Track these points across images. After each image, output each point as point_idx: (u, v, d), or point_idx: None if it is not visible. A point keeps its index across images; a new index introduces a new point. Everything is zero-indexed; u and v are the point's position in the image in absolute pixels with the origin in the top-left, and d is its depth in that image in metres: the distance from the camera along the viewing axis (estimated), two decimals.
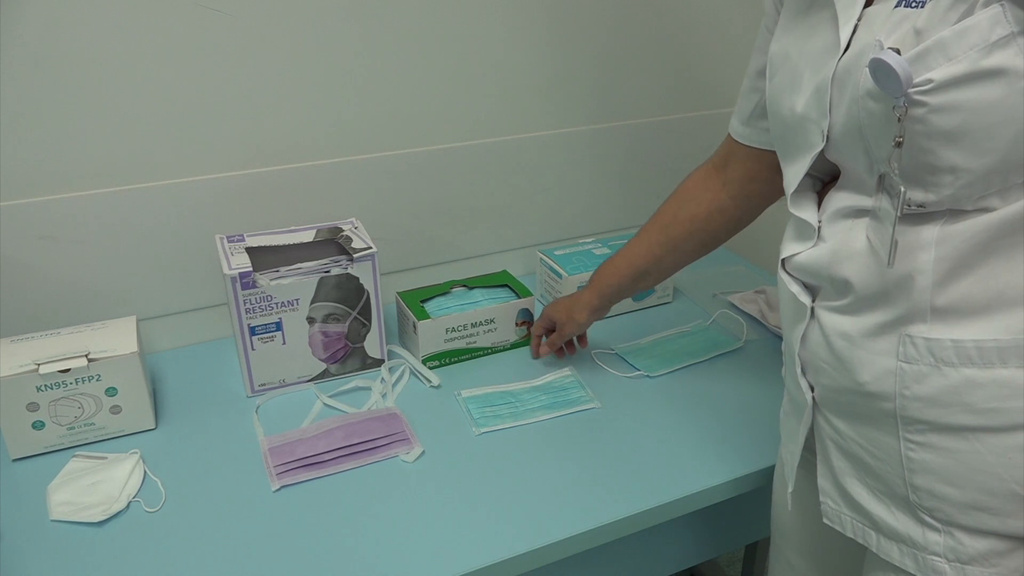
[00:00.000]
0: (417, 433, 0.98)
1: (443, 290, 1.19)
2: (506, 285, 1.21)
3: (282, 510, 0.87)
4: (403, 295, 1.16)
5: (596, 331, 1.22)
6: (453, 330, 1.12)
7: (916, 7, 0.56)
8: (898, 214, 0.58)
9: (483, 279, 1.22)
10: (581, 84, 1.32)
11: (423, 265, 1.32)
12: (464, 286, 1.20)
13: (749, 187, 0.89)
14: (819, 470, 0.73)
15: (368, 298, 1.07)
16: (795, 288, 0.69)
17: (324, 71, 1.13)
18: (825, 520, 0.73)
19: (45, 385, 0.91)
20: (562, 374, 1.10)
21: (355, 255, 1.04)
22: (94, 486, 0.88)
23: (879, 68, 0.54)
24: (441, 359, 1.13)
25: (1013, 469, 0.58)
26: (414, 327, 1.10)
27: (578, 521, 0.85)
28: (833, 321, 0.66)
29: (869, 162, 0.62)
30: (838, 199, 0.66)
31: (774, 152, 0.79)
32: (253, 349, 1.03)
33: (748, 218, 0.93)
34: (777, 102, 0.70)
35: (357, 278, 1.05)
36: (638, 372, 1.11)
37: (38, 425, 0.93)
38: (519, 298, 1.17)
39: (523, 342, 1.18)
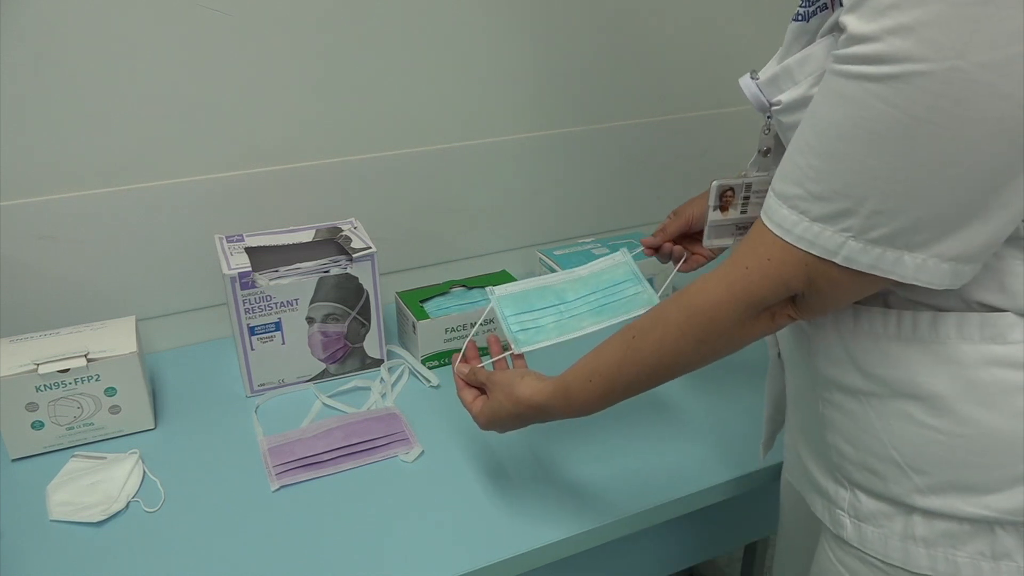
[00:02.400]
0: (417, 433, 0.98)
1: (442, 290, 1.19)
2: None
3: (281, 510, 0.87)
4: (402, 295, 1.16)
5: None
6: (452, 330, 1.12)
7: (801, 20, 0.60)
8: (738, 212, 0.72)
9: (482, 279, 1.22)
10: (581, 84, 1.32)
11: (422, 265, 1.32)
12: (463, 286, 1.20)
13: None
14: (786, 425, 0.80)
15: (367, 298, 1.07)
16: None
17: (324, 71, 1.13)
18: (785, 474, 0.81)
19: (44, 385, 0.91)
20: (613, 261, 0.92)
21: (354, 255, 1.04)
22: (93, 486, 0.88)
23: (745, 88, 0.64)
24: (440, 359, 1.13)
25: (891, 436, 0.61)
26: (413, 327, 1.10)
27: (577, 521, 0.85)
28: None
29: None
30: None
31: None
32: (252, 349, 1.03)
33: None
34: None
35: (356, 278, 1.05)
36: None
37: (37, 425, 0.93)
38: None
39: None
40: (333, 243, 1.07)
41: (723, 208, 0.79)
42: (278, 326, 1.03)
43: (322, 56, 1.12)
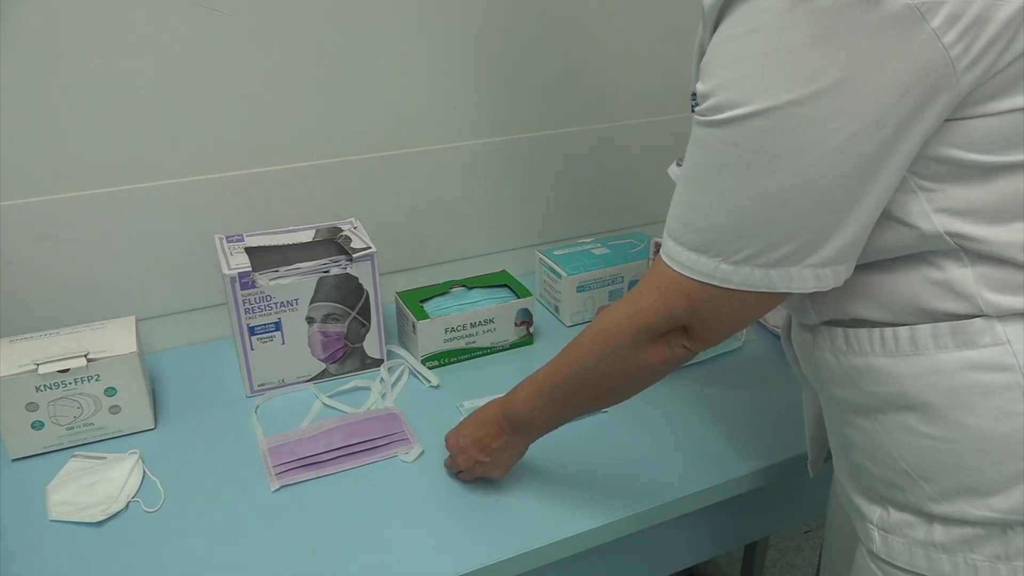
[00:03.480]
0: (416, 433, 0.98)
1: (442, 290, 1.19)
2: (505, 285, 1.21)
3: (281, 510, 0.87)
4: (402, 295, 1.16)
5: None
6: (452, 330, 1.12)
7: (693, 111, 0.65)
8: None
9: (482, 279, 1.22)
10: (581, 84, 1.32)
11: (422, 265, 1.32)
12: (463, 286, 1.20)
13: None
14: (829, 437, 0.80)
15: (367, 298, 1.07)
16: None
17: (324, 71, 1.13)
18: (839, 499, 0.80)
19: (44, 385, 0.91)
20: None
21: (354, 255, 1.04)
22: (93, 486, 0.88)
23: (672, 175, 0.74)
24: (440, 359, 1.13)
25: (898, 448, 0.64)
26: (413, 327, 1.10)
27: (578, 521, 0.85)
28: (794, 316, 0.76)
29: None
30: None
31: None
32: (252, 349, 1.03)
33: None
34: None
35: (356, 278, 1.05)
36: None
37: (37, 425, 0.93)
38: (518, 298, 1.17)
39: (522, 342, 1.18)
40: (333, 243, 1.07)
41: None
42: (278, 326, 1.03)
43: (322, 56, 1.12)
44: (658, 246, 0.83)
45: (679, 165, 0.70)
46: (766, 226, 0.58)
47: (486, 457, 0.85)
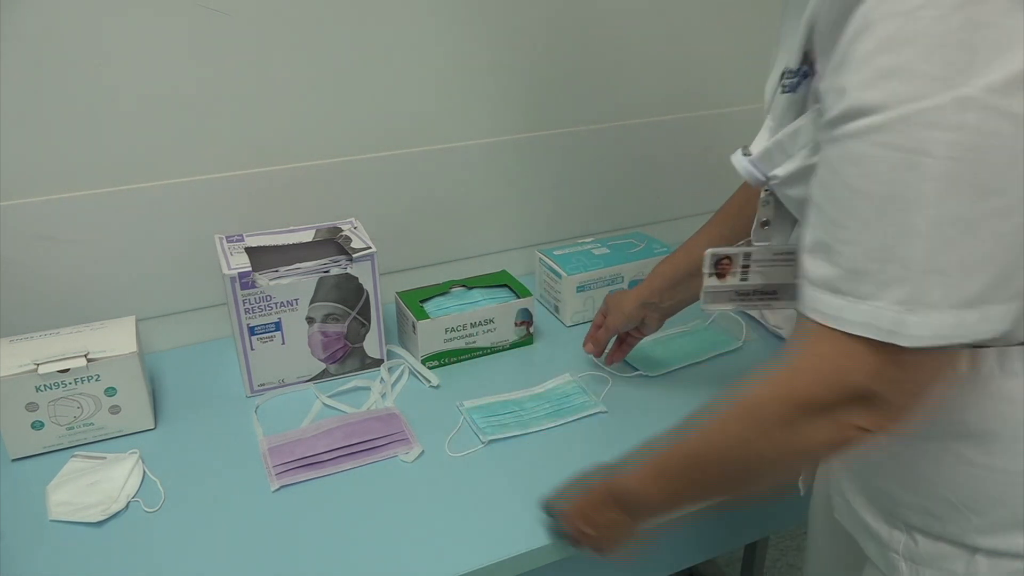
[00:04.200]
0: (416, 433, 0.98)
1: (442, 290, 1.19)
2: (505, 285, 1.21)
3: (281, 510, 0.87)
4: (402, 295, 1.16)
5: None
6: (452, 330, 1.12)
7: (789, 92, 0.60)
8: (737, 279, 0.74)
9: (482, 279, 1.22)
10: (581, 84, 1.32)
11: (422, 265, 1.32)
12: (463, 286, 1.20)
13: None
14: (831, 467, 0.76)
15: (367, 298, 1.07)
16: None
17: (324, 71, 1.13)
18: (835, 515, 0.75)
19: (44, 385, 0.91)
20: (562, 380, 1.09)
21: (354, 255, 1.04)
22: (93, 486, 0.88)
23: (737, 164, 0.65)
24: (440, 359, 1.13)
25: (944, 478, 0.59)
26: (413, 327, 1.10)
27: None
28: None
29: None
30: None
31: None
32: (252, 349, 1.03)
33: None
34: None
35: (356, 278, 1.05)
36: (637, 372, 1.11)
37: (37, 425, 0.93)
38: (518, 298, 1.17)
39: (522, 342, 1.18)
40: (333, 243, 1.07)
41: (720, 275, 0.80)
42: (278, 326, 1.03)
43: (322, 56, 1.12)
44: (716, 261, 0.78)
45: (746, 154, 0.65)
46: (973, 251, 0.46)
47: (591, 530, 0.73)
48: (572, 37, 1.28)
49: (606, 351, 1.08)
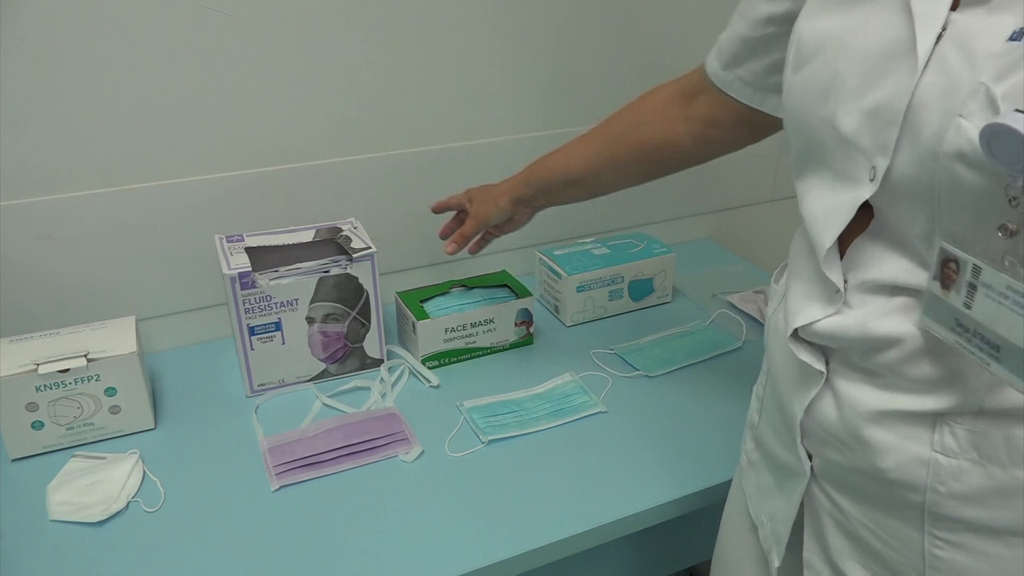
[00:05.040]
0: (416, 433, 0.98)
1: (442, 290, 1.19)
2: (505, 285, 1.21)
3: (281, 510, 0.87)
4: (402, 295, 1.16)
5: (595, 331, 1.22)
6: (452, 330, 1.12)
7: None
8: (960, 303, 0.45)
9: (482, 279, 1.22)
10: (581, 84, 1.32)
11: (422, 265, 1.32)
12: (463, 286, 1.20)
13: (710, 131, 0.82)
14: (807, 543, 0.64)
15: (367, 298, 1.07)
16: (806, 356, 0.57)
17: (324, 71, 1.13)
18: None
19: (44, 385, 0.91)
20: (563, 380, 1.09)
21: (354, 255, 1.04)
22: (93, 486, 0.88)
23: (998, 135, 0.40)
24: (440, 359, 1.13)
25: None
26: (413, 327, 1.10)
27: (578, 520, 0.85)
28: (855, 393, 0.55)
29: (932, 233, 0.48)
30: (876, 260, 0.53)
31: (748, 107, 0.74)
32: (252, 349, 1.03)
33: (700, 160, 0.87)
34: (806, 106, 0.56)
35: (356, 278, 1.05)
36: (637, 372, 1.11)
37: (37, 425, 0.93)
38: (518, 298, 1.17)
39: (522, 342, 1.18)
40: (333, 243, 1.07)
41: (944, 282, 0.51)
42: (278, 326, 1.03)
43: (322, 56, 1.12)
44: (944, 260, 0.48)
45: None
46: None
47: None
48: (572, 38, 1.28)
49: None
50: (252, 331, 1.02)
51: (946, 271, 0.48)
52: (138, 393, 0.96)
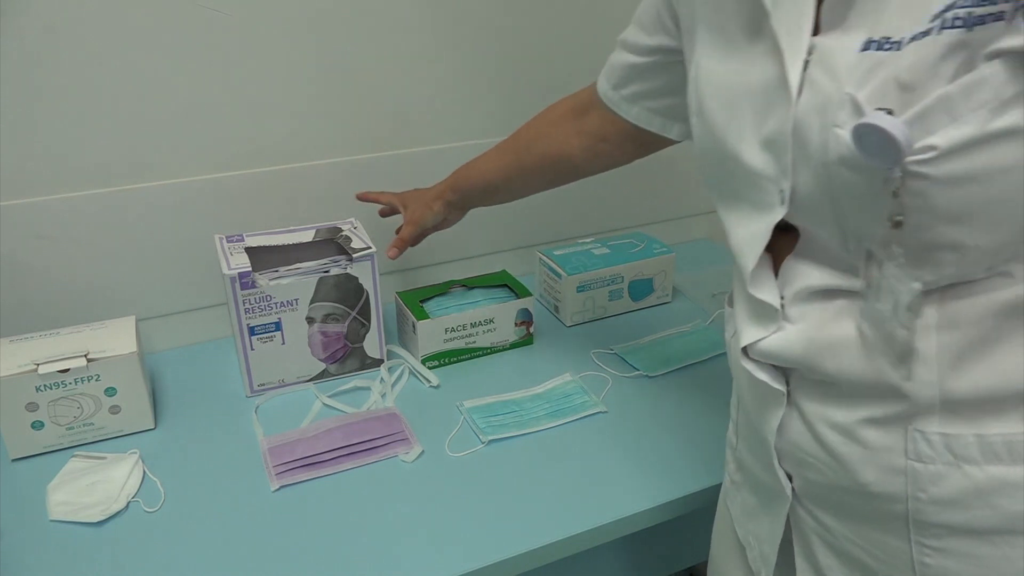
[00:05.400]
0: (416, 433, 0.98)
1: (442, 290, 1.19)
2: (505, 285, 1.21)
3: (281, 510, 0.87)
4: (402, 295, 1.16)
5: (595, 331, 1.22)
6: (452, 330, 1.12)
7: (891, 49, 0.46)
8: (903, 314, 0.48)
9: (482, 279, 1.22)
10: (582, 84, 1.32)
11: (422, 265, 1.32)
12: (463, 286, 1.20)
13: (599, 146, 0.88)
14: (799, 564, 0.64)
15: (367, 298, 1.07)
16: (764, 376, 0.59)
17: (324, 71, 1.13)
18: None
19: (44, 385, 0.91)
20: (563, 379, 1.09)
21: (354, 255, 1.04)
22: (93, 486, 0.88)
23: (867, 134, 0.45)
24: (440, 359, 1.13)
25: None
26: (413, 327, 1.10)
27: (578, 521, 0.85)
28: (819, 411, 0.57)
29: (844, 236, 0.52)
30: (804, 273, 0.56)
31: (634, 125, 0.80)
32: (252, 349, 1.03)
33: (592, 172, 0.94)
34: (713, 145, 0.60)
35: (356, 278, 1.05)
36: (637, 372, 1.11)
37: (37, 425, 0.93)
38: (518, 298, 1.17)
39: (522, 342, 1.18)
40: (333, 243, 1.07)
41: (868, 282, 0.58)
42: (278, 326, 1.03)
43: (322, 56, 1.12)
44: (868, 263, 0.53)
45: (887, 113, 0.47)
46: None
47: None
48: (572, 37, 1.28)
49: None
50: (252, 331, 1.02)
51: (869, 271, 0.52)
52: (138, 393, 0.96)
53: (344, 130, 1.18)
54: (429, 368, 1.12)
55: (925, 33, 0.45)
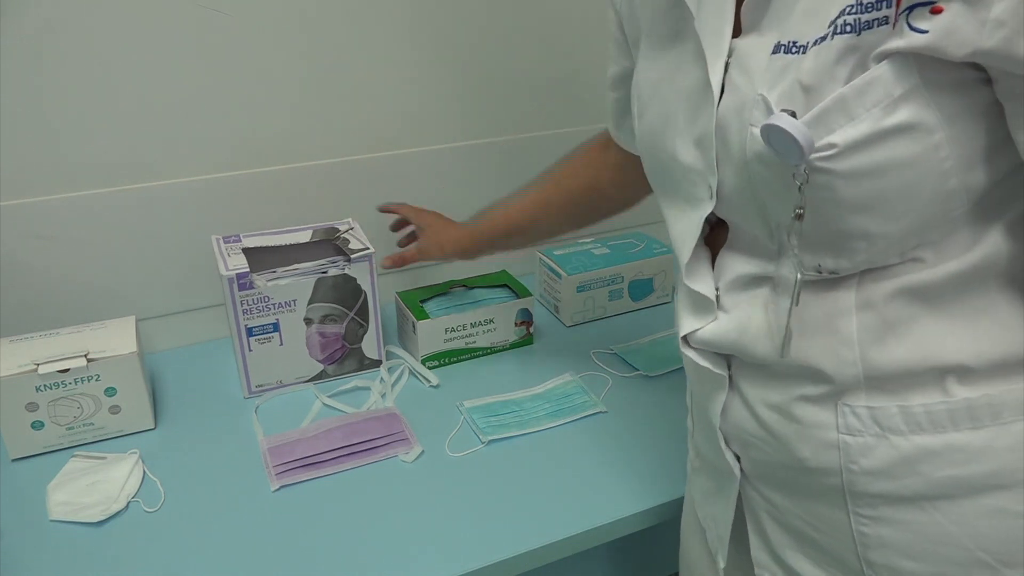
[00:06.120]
0: (416, 433, 0.98)
1: (442, 290, 1.19)
2: (505, 285, 1.21)
3: (281, 510, 0.87)
4: (402, 295, 1.16)
5: (595, 331, 1.22)
6: (452, 330, 1.12)
7: (797, 53, 0.49)
8: (794, 301, 0.53)
9: (482, 279, 1.22)
10: (582, 84, 1.32)
11: (422, 265, 1.32)
12: (463, 286, 1.20)
13: (625, 177, 0.89)
14: (752, 541, 0.67)
15: (365, 299, 1.07)
16: (706, 363, 0.62)
17: (322, 71, 1.13)
18: None
19: (44, 385, 0.91)
20: (563, 379, 1.09)
21: (352, 256, 1.04)
22: (93, 486, 0.88)
23: (773, 134, 0.48)
24: (440, 359, 1.13)
25: (979, 538, 0.53)
26: (413, 327, 1.10)
27: (578, 521, 0.85)
28: (757, 392, 0.60)
29: (768, 228, 0.56)
30: (735, 263, 0.60)
31: None
32: (251, 350, 1.03)
33: (625, 204, 0.95)
34: (653, 144, 0.63)
35: (354, 279, 1.05)
36: (637, 372, 1.11)
37: (37, 425, 0.93)
38: (518, 298, 1.17)
39: (522, 342, 1.18)
40: (331, 244, 1.07)
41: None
42: (276, 327, 1.03)
43: (321, 56, 1.12)
44: None
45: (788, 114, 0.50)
46: None
47: None
48: (571, 37, 1.28)
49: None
50: (250, 332, 1.02)
51: (780, 261, 0.57)
52: (138, 393, 0.97)
53: (342, 130, 1.18)
54: (429, 368, 1.12)
55: (824, 38, 0.48)
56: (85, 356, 0.93)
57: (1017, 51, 0.42)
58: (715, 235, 0.62)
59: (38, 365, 0.90)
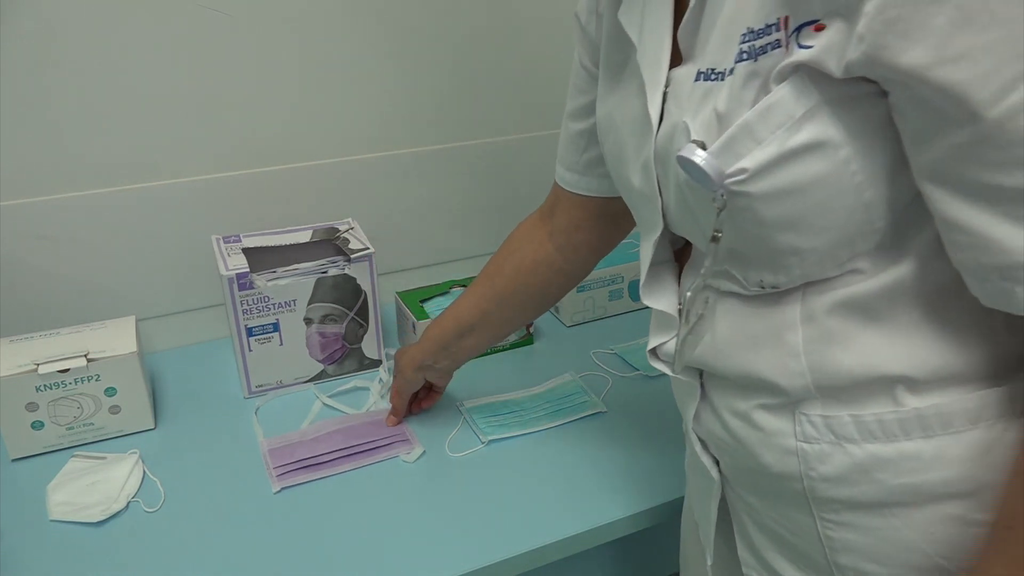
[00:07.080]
0: (416, 433, 0.98)
1: (442, 290, 1.19)
2: None
3: (282, 510, 0.87)
4: (402, 295, 1.16)
5: (595, 331, 1.22)
6: None
7: (716, 80, 0.51)
8: (684, 319, 0.58)
9: None
10: None
11: (422, 265, 1.32)
12: (463, 286, 1.20)
13: (576, 236, 0.84)
14: (737, 541, 0.69)
15: (365, 299, 1.07)
16: (681, 372, 0.64)
17: (322, 71, 1.13)
18: None
19: (44, 385, 0.91)
20: (563, 379, 1.09)
21: (352, 256, 1.04)
22: (93, 486, 0.88)
23: (685, 164, 0.50)
24: None
25: (937, 544, 0.54)
26: (413, 327, 1.10)
27: (578, 521, 0.85)
28: (723, 400, 0.62)
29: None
30: (691, 278, 0.63)
31: (601, 198, 0.79)
32: (250, 350, 1.03)
33: (578, 271, 0.88)
34: (615, 171, 0.67)
35: (354, 279, 1.05)
36: (637, 372, 1.11)
37: (37, 425, 0.93)
38: None
39: (522, 342, 1.18)
40: (331, 244, 1.07)
41: None
42: (276, 327, 1.03)
43: (320, 56, 1.12)
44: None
45: (698, 145, 0.52)
46: None
47: None
48: (567, 39, 1.28)
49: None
50: (250, 332, 1.02)
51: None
52: (138, 393, 0.97)
53: (342, 130, 1.18)
54: None
55: (733, 66, 0.49)
56: (85, 356, 0.93)
57: (882, 59, 0.42)
58: (684, 252, 0.66)
59: (38, 365, 0.90)
